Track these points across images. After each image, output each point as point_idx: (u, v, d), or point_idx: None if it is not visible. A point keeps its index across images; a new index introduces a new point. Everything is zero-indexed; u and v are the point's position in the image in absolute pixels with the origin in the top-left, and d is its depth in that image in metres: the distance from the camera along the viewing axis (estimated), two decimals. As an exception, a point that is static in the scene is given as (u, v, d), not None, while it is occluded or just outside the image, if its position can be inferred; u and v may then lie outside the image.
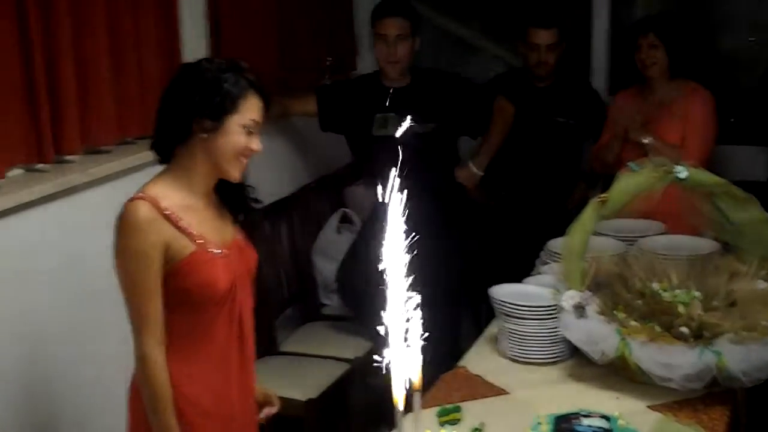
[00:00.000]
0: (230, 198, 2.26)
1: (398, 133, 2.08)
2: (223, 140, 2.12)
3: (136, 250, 2.07)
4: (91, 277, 2.92)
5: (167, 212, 2.10)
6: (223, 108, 2.10)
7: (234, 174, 2.17)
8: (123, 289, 2.11)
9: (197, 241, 2.13)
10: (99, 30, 2.93)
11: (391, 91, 3.86)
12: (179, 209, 2.12)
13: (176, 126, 2.12)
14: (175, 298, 2.12)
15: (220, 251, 2.17)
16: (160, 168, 2.24)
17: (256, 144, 2.15)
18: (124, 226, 2.09)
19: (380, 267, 2.34)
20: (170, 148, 2.17)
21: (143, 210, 2.08)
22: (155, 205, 2.09)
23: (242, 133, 2.13)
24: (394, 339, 3.99)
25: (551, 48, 4.11)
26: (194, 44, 3.48)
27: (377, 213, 4.12)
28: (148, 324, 2.09)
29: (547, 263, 2.98)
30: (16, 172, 2.76)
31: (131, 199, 2.11)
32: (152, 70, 3.21)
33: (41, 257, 2.78)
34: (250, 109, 2.13)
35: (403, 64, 3.83)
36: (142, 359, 2.10)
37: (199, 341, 2.18)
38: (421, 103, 3.84)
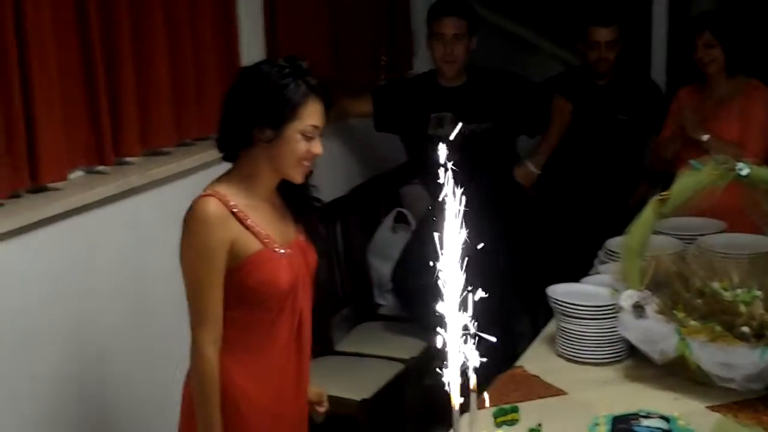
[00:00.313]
0: (293, 198, 2.27)
1: (453, 133, 2.07)
2: (284, 147, 2.13)
3: (203, 245, 2.10)
4: (151, 276, 2.96)
5: (235, 210, 2.13)
6: (282, 117, 2.10)
7: (297, 178, 2.19)
8: (186, 283, 2.14)
9: (263, 240, 2.15)
10: (158, 33, 2.97)
11: (446, 90, 3.86)
12: (246, 208, 2.15)
13: (238, 132, 2.14)
14: (238, 295, 2.15)
15: (284, 251, 2.19)
16: (217, 169, 2.26)
17: (317, 148, 2.16)
18: (193, 221, 2.11)
19: (436, 267, 2.35)
20: (234, 151, 2.19)
21: (212, 206, 2.10)
22: (224, 202, 2.12)
23: (302, 139, 2.14)
24: (450, 339, 4.00)
25: (611, 45, 4.08)
26: (251, 45, 3.51)
27: (432, 212, 4.11)
28: (206, 320, 2.12)
29: (605, 262, 2.95)
30: (77, 174, 2.82)
31: (200, 196, 2.13)
32: (210, 72, 3.25)
33: (102, 257, 2.83)
34: (311, 115, 2.13)
35: (460, 64, 3.83)
36: (195, 353, 2.13)
37: (260, 339, 2.20)
38: (477, 102, 3.84)
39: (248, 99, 2.12)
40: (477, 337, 3.67)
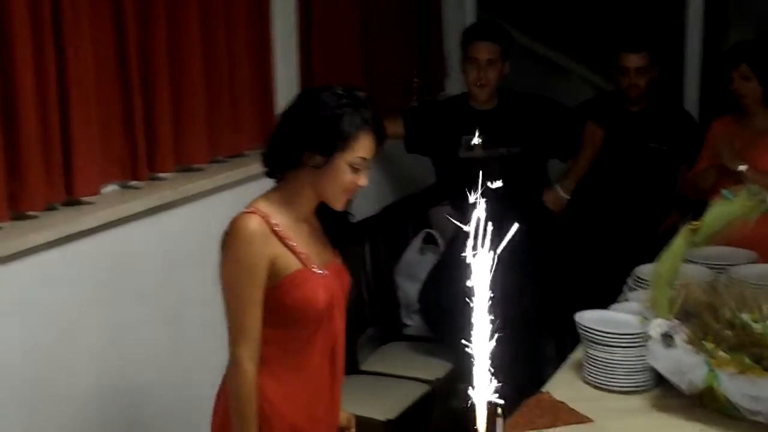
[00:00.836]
0: (330, 223, 2.29)
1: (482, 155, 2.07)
2: (330, 176, 2.15)
3: (244, 261, 2.11)
4: (181, 290, 2.99)
5: (277, 228, 2.14)
6: (334, 145, 2.12)
7: (338, 206, 2.21)
8: (225, 299, 2.15)
9: (303, 260, 2.17)
10: (193, 52, 3.01)
11: (478, 113, 3.87)
12: (286, 227, 2.17)
13: (288, 153, 2.16)
14: (275, 313, 2.16)
15: (321, 271, 2.21)
16: (248, 186, 2.29)
17: (362, 180, 2.18)
18: (235, 238, 2.13)
19: (463, 289, 2.34)
20: (281, 170, 2.21)
21: (254, 224, 2.12)
22: (266, 220, 2.14)
23: (349, 170, 2.15)
24: (477, 362, 3.94)
25: (641, 71, 4.07)
26: (285, 65, 3.55)
27: (461, 234, 4.11)
28: (245, 335, 2.13)
29: (634, 290, 2.94)
30: (111, 188, 2.85)
31: (242, 213, 2.15)
32: (244, 90, 3.28)
33: (134, 270, 2.86)
34: (361, 148, 2.15)
35: (492, 88, 3.84)
36: (234, 369, 2.14)
37: (295, 358, 2.21)
38: (508, 126, 3.84)
39: (303, 122, 2.14)
40: (503, 361, 3.62)
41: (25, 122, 2.42)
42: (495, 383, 3.82)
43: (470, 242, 1.93)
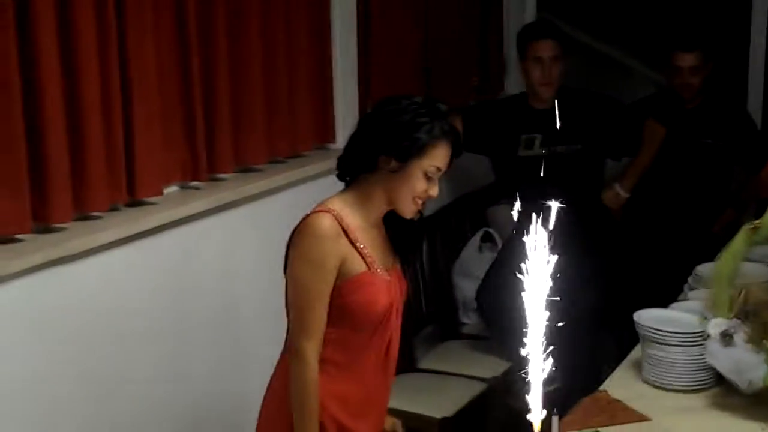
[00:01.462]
0: (397, 231, 2.30)
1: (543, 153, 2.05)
2: (403, 182, 2.17)
3: (316, 258, 2.14)
4: (241, 288, 3.04)
5: (348, 229, 2.17)
6: (410, 152, 2.14)
7: (407, 213, 2.23)
8: (294, 295, 2.17)
9: (369, 262, 2.20)
10: (252, 53, 3.06)
11: (537, 112, 3.87)
12: (357, 229, 2.19)
13: (364, 156, 2.18)
14: (336, 312, 2.19)
15: (385, 275, 2.23)
16: (306, 186, 2.32)
17: (434, 190, 2.20)
18: (308, 236, 2.16)
19: (521, 287, 2.34)
20: (355, 173, 2.23)
21: (327, 222, 2.15)
22: (338, 219, 2.17)
23: (423, 178, 2.17)
24: (534, 361, 3.96)
25: (694, 71, 4.02)
26: (344, 65, 3.57)
27: (519, 232, 4.11)
28: (312, 329, 2.16)
29: (695, 288, 2.91)
30: (173, 189, 2.91)
31: (315, 211, 2.18)
32: (302, 93, 3.32)
33: (195, 269, 2.91)
34: (437, 157, 2.17)
35: (556, 85, 3.84)
36: (300, 363, 2.16)
37: (349, 359, 2.23)
38: (567, 125, 3.83)
39: (382, 127, 2.16)
40: (558, 361, 3.60)
41: (88, 126, 2.49)
42: (552, 381, 3.83)
43: (531, 239, 1.94)
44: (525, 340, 3.72)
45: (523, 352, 3.49)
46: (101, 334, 2.59)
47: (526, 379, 4.02)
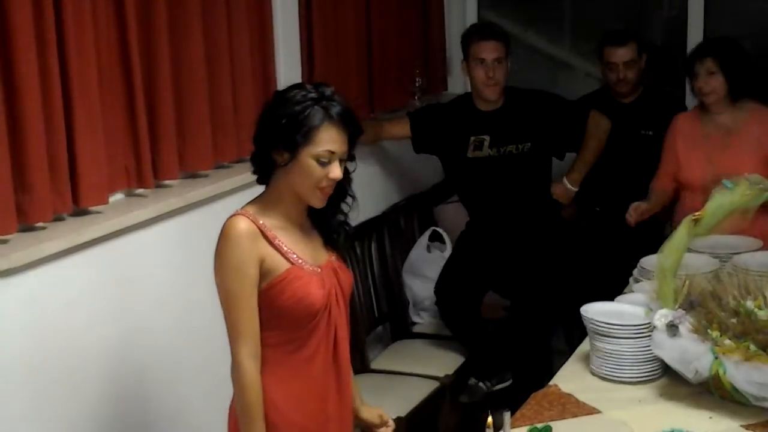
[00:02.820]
0: (321, 223, 2.31)
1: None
2: (299, 172, 2.16)
3: (235, 260, 2.14)
4: (191, 296, 3.01)
5: (264, 229, 2.17)
6: (295, 141, 2.14)
7: (314, 202, 2.22)
8: (222, 300, 2.18)
9: (291, 259, 2.20)
10: (196, 59, 3.04)
11: (484, 114, 3.89)
12: (275, 228, 2.20)
13: (261, 156, 2.21)
14: (272, 315, 2.19)
15: (313, 269, 2.23)
16: (253, 191, 2.31)
17: (334, 173, 2.17)
18: (225, 238, 2.17)
19: (478, 282, 2.32)
20: (262, 173, 2.25)
21: (242, 225, 2.16)
22: (253, 221, 2.17)
23: (317, 165, 2.16)
24: (488, 356, 4.02)
25: (629, 65, 4.07)
26: (288, 69, 3.57)
27: (471, 231, 4.16)
28: (244, 335, 2.16)
29: (639, 281, 2.96)
30: (118, 197, 2.88)
31: (231, 216, 2.19)
32: (247, 96, 3.30)
33: (142, 278, 2.88)
34: (326, 141, 2.15)
35: (501, 86, 3.87)
36: (235, 368, 2.17)
37: (296, 358, 2.23)
38: (515, 124, 3.87)
39: (269, 122, 2.18)
40: (513, 354, 3.65)
41: (30, 135, 2.44)
42: (504, 378, 3.87)
43: (479, 238, 1.95)
44: (482, 334, 3.74)
45: (478, 346, 3.51)
46: (48, 346, 2.55)
47: (481, 378, 4.07)
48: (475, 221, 4.03)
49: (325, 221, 2.31)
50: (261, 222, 2.18)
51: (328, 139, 2.15)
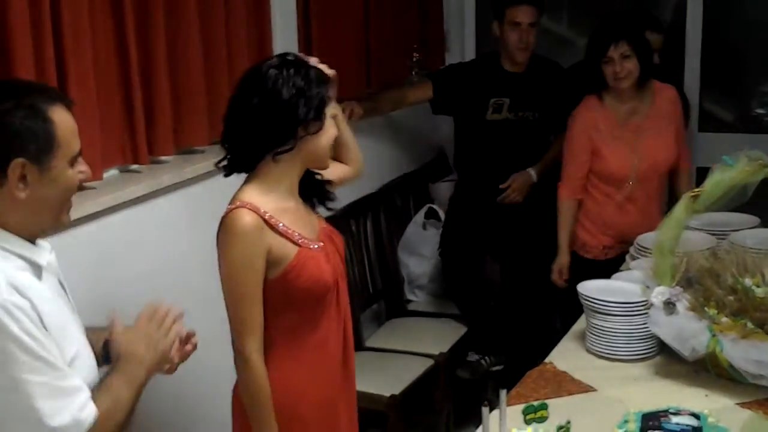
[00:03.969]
0: (307, 189, 2.31)
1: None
2: (323, 135, 2.20)
3: (245, 257, 2.13)
4: (185, 273, 3.00)
5: (267, 216, 2.16)
6: (322, 106, 2.17)
7: (328, 163, 2.28)
8: (228, 296, 2.17)
9: (298, 241, 2.19)
10: (191, 34, 3.00)
11: (509, 75, 3.95)
12: (276, 212, 2.18)
13: (281, 137, 2.15)
14: (288, 300, 2.19)
15: (317, 246, 2.23)
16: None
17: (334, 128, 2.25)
18: (230, 235, 2.14)
19: (477, 247, 2.28)
20: (259, 159, 2.20)
21: (247, 218, 2.13)
22: (256, 212, 2.14)
23: (333, 121, 2.22)
24: (490, 330, 4.00)
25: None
26: (284, 44, 3.53)
27: (465, 195, 4.16)
28: (252, 330, 2.16)
29: (636, 258, 2.95)
30: (112, 173, 2.85)
31: (231, 209, 2.16)
32: (243, 70, 3.26)
33: (136, 255, 2.86)
34: (331, 97, 2.21)
35: (530, 50, 3.92)
36: (244, 363, 2.17)
37: (312, 337, 2.23)
38: (533, 91, 3.93)
39: (287, 103, 2.13)
40: (510, 332, 3.64)
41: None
42: (500, 357, 3.85)
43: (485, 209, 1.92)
44: (484, 307, 3.67)
45: (479, 320, 3.44)
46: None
47: (482, 353, 4.05)
48: (469, 185, 4.06)
49: (310, 185, 2.31)
50: (262, 211, 2.15)
51: (330, 98, 2.22)
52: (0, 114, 1.67)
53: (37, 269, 1.77)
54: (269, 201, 2.18)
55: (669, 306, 2.42)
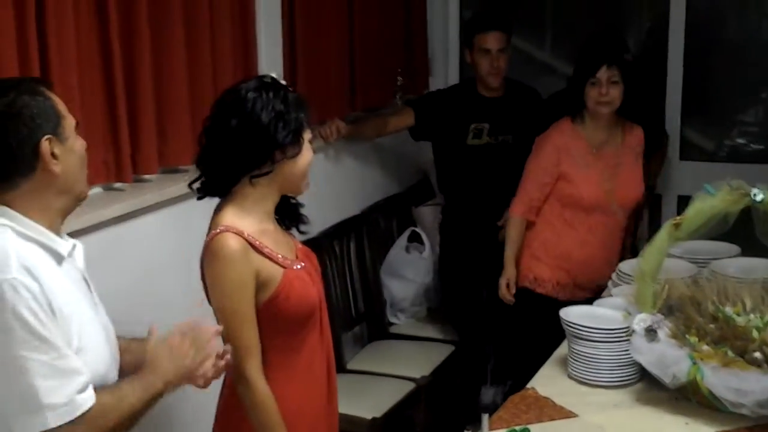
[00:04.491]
0: (284, 213, 2.33)
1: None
2: (301, 159, 2.20)
3: (237, 281, 2.12)
4: (167, 290, 2.98)
5: (250, 239, 2.15)
6: (300, 130, 2.19)
7: (304, 188, 2.27)
8: (225, 321, 2.14)
9: (281, 262, 2.19)
10: (177, 53, 3.01)
11: (487, 100, 3.99)
12: (257, 235, 2.18)
13: (257, 160, 2.16)
14: (278, 322, 2.19)
15: (298, 265, 2.24)
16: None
17: (311, 154, 2.25)
18: (219, 259, 2.13)
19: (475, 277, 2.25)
20: (235, 182, 2.20)
21: (233, 241, 2.13)
22: (240, 234, 2.14)
23: (310, 147, 2.24)
24: (472, 355, 3.94)
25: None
26: (270, 66, 3.54)
27: (454, 223, 4.17)
28: (252, 352, 2.15)
29: (618, 285, 2.96)
30: (96, 191, 2.84)
31: (215, 234, 2.15)
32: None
33: (118, 273, 2.85)
34: (307, 123, 2.23)
35: (503, 76, 3.96)
36: (248, 387, 2.15)
37: (300, 357, 2.24)
38: (513, 114, 3.97)
39: (264, 127, 2.14)
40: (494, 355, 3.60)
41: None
42: (506, 378, 3.76)
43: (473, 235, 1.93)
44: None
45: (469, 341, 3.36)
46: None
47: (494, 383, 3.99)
48: (456, 209, 4.09)
49: (284, 208, 2.32)
50: (246, 233, 2.15)
51: (308, 121, 2.23)
52: (9, 105, 1.76)
53: (57, 257, 1.82)
54: (249, 224, 2.17)
55: (650, 333, 2.43)
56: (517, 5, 5.08)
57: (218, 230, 2.15)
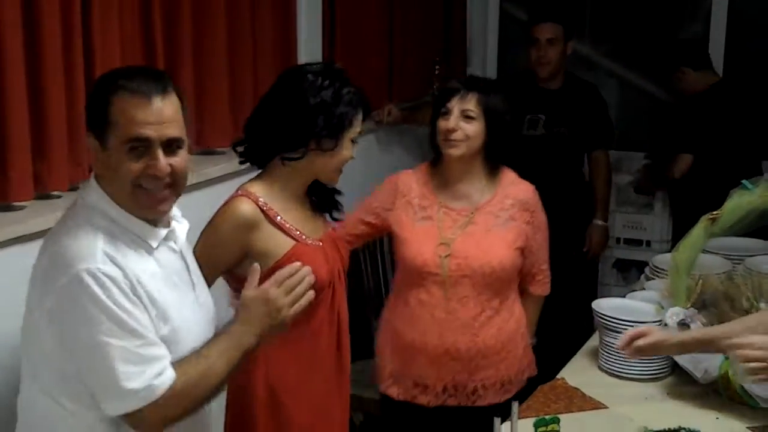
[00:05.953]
0: (319, 196, 2.34)
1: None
2: (336, 155, 2.21)
3: (217, 238, 2.18)
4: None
5: (265, 208, 2.19)
6: (342, 127, 2.20)
7: (335, 181, 2.30)
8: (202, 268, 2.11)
9: (294, 235, 2.21)
10: (218, 46, 3.04)
11: (544, 92, 3.99)
12: (277, 208, 2.21)
13: (290, 144, 2.19)
14: None
15: (315, 243, 2.25)
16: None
17: (351, 152, 2.27)
18: (222, 216, 2.19)
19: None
20: (271, 157, 2.24)
21: (245, 206, 2.18)
22: (255, 202, 2.18)
23: (350, 145, 2.24)
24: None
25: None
26: (309, 53, 3.56)
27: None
28: None
29: (651, 278, 2.95)
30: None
31: (234, 196, 2.21)
32: (267, 75, 3.29)
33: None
34: (359, 122, 2.24)
35: (552, 67, 3.94)
36: None
37: (300, 333, 2.21)
38: (568, 108, 3.96)
39: (303, 114, 2.16)
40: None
41: (50, 101, 2.45)
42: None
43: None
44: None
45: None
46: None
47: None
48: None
49: (320, 192, 2.33)
50: (261, 200, 2.19)
51: (360, 120, 2.24)
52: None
53: (147, 247, 1.83)
54: (273, 199, 2.21)
55: (683, 327, 2.42)
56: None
57: (236, 194, 2.21)
